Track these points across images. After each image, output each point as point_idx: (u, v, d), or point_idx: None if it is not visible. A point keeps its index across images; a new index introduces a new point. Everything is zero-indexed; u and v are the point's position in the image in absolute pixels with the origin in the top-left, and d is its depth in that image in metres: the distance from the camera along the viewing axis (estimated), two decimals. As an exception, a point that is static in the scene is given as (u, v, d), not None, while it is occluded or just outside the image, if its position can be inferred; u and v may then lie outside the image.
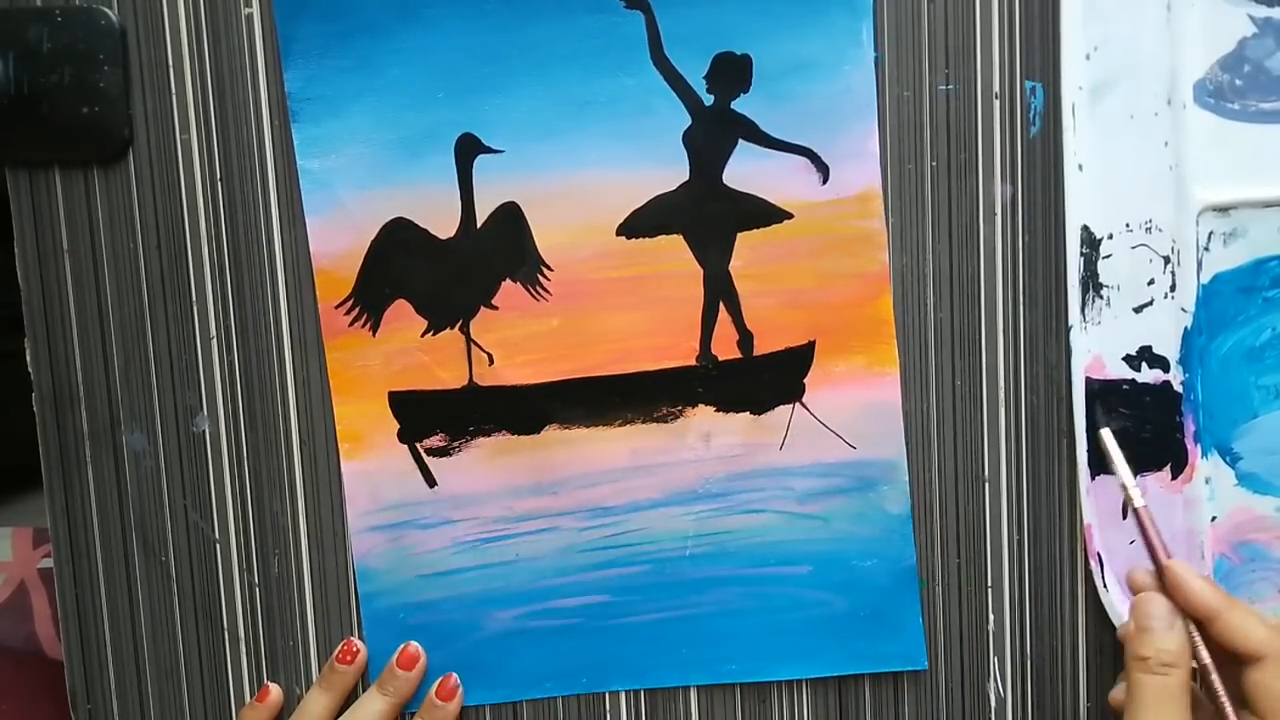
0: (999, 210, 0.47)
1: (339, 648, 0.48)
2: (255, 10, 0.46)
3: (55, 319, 0.48)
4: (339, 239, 0.47)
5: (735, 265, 0.47)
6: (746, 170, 0.47)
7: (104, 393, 0.48)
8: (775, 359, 0.48)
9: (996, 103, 0.47)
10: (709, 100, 0.46)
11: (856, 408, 0.48)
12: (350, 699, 0.48)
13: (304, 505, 0.48)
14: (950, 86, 0.47)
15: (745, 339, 0.48)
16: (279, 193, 0.47)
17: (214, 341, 0.48)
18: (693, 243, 0.47)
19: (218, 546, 0.49)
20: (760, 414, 0.48)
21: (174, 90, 0.47)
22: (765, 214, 0.47)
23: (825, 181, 0.47)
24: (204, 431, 0.48)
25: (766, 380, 0.48)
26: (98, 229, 0.47)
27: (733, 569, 0.48)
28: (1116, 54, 0.46)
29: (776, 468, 0.48)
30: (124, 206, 0.47)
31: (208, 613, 0.49)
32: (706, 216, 0.47)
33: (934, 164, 0.47)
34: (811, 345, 0.48)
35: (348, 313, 0.47)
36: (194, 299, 0.47)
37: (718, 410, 0.48)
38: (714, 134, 0.47)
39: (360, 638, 0.49)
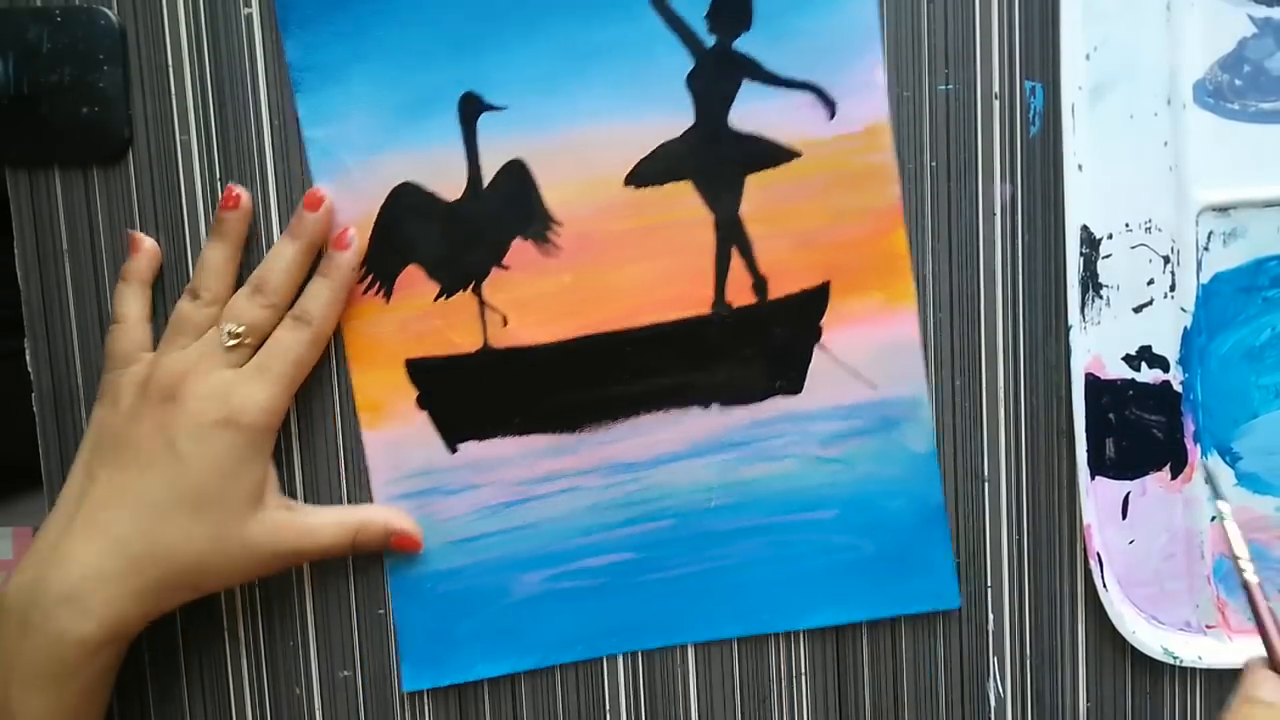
0: (999, 210, 0.47)
1: (222, 196, 0.46)
2: (255, 10, 0.46)
3: (55, 319, 0.48)
4: (348, 208, 0.46)
5: (745, 209, 0.47)
6: (752, 111, 0.46)
7: (104, 393, 0.48)
8: (791, 302, 0.47)
9: (996, 103, 0.47)
10: (710, 42, 0.46)
11: (875, 346, 0.47)
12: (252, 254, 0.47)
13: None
14: (950, 86, 0.47)
15: (759, 284, 0.47)
16: (278, 193, 0.47)
17: (214, 341, 0.48)
18: (702, 188, 0.47)
19: (218, 546, 0.49)
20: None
21: (174, 91, 0.47)
22: (773, 154, 0.46)
23: (832, 117, 0.46)
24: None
25: (783, 324, 0.47)
26: (98, 229, 0.47)
27: (758, 518, 0.48)
28: (1116, 54, 0.46)
29: (797, 413, 0.47)
30: (124, 206, 0.47)
31: (208, 613, 0.49)
32: (714, 161, 0.46)
33: (934, 164, 0.47)
34: (826, 286, 0.47)
35: (360, 281, 0.47)
36: (194, 299, 0.47)
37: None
38: (717, 76, 0.46)
39: (388, 607, 0.49)
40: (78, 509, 0.43)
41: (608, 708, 0.49)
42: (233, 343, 0.44)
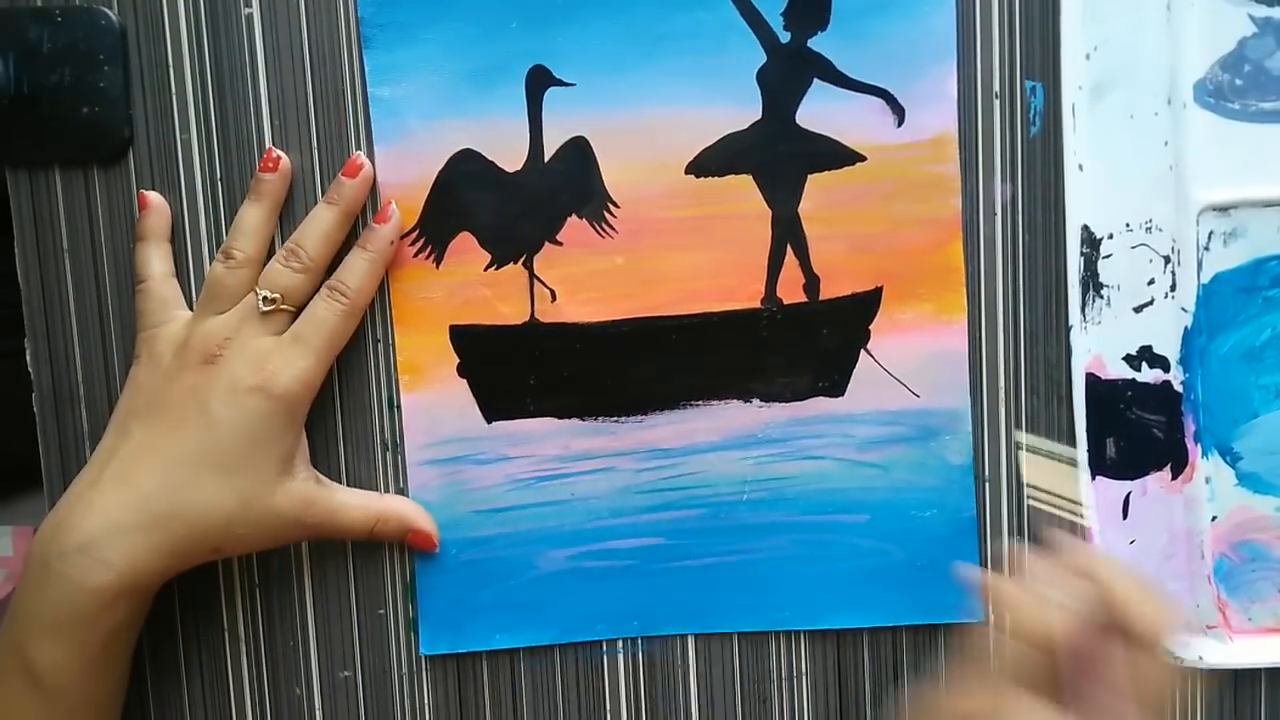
0: (999, 210, 0.47)
1: (261, 158, 0.46)
2: (255, 10, 0.46)
3: (55, 319, 0.48)
4: (407, 169, 0.47)
5: (805, 208, 0.47)
6: (820, 111, 0.46)
7: (104, 393, 0.48)
8: (841, 304, 0.47)
9: (996, 103, 0.47)
10: (785, 38, 0.46)
11: (922, 356, 0.47)
12: (291, 216, 0.47)
13: (304, 505, 0.48)
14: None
15: (811, 283, 0.47)
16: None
17: (214, 341, 0.48)
18: (762, 183, 0.47)
19: (218, 546, 0.49)
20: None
21: (174, 90, 0.47)
22: (838, 155, 0.47)
23: (901, 124, 0.46)
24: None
25: (832, 325, 0.47)
26: (98, 229, 0.47)
27: (789, 515, 0.48)
28: (1116, 54, 0.46)
29: (838, 414, 0.48)
30: (124, 206, 0.47)
31: (208, 612, 0.49)
32: (778, 157, 0.47)
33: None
34: (879, 291, 0.47)
35: (412, 244, 0.47)
36: (194, 299, 0.47)
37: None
38: (789, 73, 0.46)
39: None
40: (109, 461, 0.44)
41: (608, 707, 0.49)
42: (268, 308, 0.45)
